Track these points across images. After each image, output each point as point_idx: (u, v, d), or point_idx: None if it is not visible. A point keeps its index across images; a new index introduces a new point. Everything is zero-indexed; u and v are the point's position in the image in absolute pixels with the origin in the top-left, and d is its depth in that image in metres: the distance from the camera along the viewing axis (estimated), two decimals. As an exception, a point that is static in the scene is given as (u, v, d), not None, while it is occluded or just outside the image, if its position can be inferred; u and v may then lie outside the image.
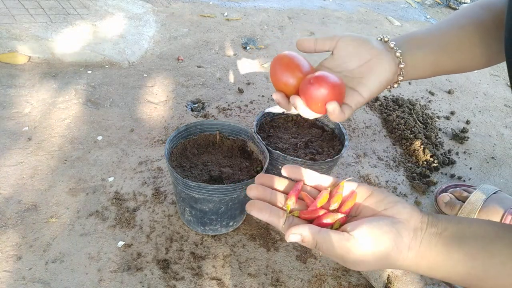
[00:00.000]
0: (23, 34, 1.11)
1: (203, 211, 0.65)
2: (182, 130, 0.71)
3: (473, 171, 0.97)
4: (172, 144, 0.70)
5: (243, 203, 0.67)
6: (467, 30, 0.56)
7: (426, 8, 2.03)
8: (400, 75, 0.53)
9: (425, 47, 0.55)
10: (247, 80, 1.19)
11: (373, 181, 0.89)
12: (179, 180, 0.61)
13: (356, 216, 0.43)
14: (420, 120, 1.08)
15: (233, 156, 0.74)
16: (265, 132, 0.79)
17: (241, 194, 0.63)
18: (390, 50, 0.53)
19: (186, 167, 0.69)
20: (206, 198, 0.62)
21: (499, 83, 1.40)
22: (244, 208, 0.69)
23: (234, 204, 0.65)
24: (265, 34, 1.48)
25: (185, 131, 0.72)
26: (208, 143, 0.75)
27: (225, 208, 0.65)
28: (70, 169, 0.81)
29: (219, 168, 0.69)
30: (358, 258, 0.37)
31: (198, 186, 0.60)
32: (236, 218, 0.70)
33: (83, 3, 1.37)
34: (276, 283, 0.65)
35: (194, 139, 0.74)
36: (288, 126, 0.82)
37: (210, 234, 0.71)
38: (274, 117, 0.82)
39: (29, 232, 0.68)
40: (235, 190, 0.61)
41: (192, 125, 0.72)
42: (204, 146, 0.75)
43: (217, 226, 0.69)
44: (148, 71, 1.16)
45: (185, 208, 0.67)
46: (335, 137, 0.80)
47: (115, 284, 0.62)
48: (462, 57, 0.56)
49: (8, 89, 1.00)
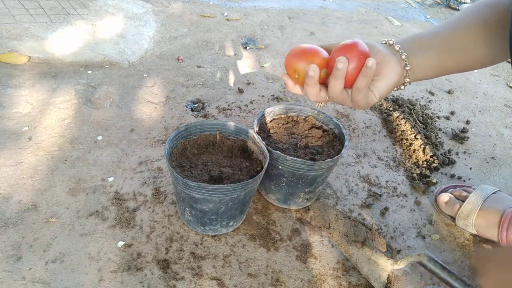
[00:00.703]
0: (23, 34, 1.11)
1: (203, 211, 0.65)
2: (182, 130, 0.71)
3: (473, 171, 0.97)
4: (172, 144, 0.70)
5: (243, 203, 0.67)
6: (471, 31, 0.56)
7: (426, 8, 2.03)
8: (407, 76, 0.54)
9: (430, 49, 0.56)
10: (247, 80, 1.19)
11: (373, 181, 0.89)
12: (179, 180, 0.61)
13: None
14: (420, 120, 1.08)
15: (233, 156, 0.74)
16: (265, 132, 0.79)
17: (241, 194, 0.63)
18: (395, 53, 0.54)
19: (186, 167, 0.69)
20: (206, 198, 0.62)
21: (499, 83, 1.40)
22: (244, 208, 0.69)
23: (234, 204, 0.65)
24: (265, 34, 1.48)
25: (185, 131, 0.72)
26: (208, 143, 0.75)
27: (225, 208, 0.65)
28: (70, 169, 0.81)
29: (219, 168, 0.69)
30: None
31: (198, 186, 0.60)
32: (236, 218, 0.70)
33: (83, 3, 1.37)
34: (276, 283, 0.65)
35: (194, 139, 0.74)
36: (288, 126, 0.82)
37: (210, 234, 0.71)
38: (274, 117, 0.82)
39: (29, 232, 0.68)
40: (235, 190, 0.61)
41: (192, 125, 0.72)
42: (204, 146, 0.75)
43: (217, 226, 0.69)
44: (148, 71, 1.16)
45: (185, 208, 0.67)
46: (335, 137, 0.80)
47: (115, 284, 0.62)
48: (466, 58, 0.57)
49: (8, 89, 1.00)
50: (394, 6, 1.99)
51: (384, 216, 0.80)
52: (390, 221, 0.80)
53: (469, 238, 0.78)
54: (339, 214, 0.77)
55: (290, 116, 0.83)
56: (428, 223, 0.81)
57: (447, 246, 0.76)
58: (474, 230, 0.75)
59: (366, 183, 0.88)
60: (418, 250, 0.74)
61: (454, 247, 0.76)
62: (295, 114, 0.83)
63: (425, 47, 0.56)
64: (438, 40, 0.56)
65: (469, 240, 0.78)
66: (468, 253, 0.76)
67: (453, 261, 0.74)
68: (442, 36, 0.57)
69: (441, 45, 0.56)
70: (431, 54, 0.56)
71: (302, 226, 0.76)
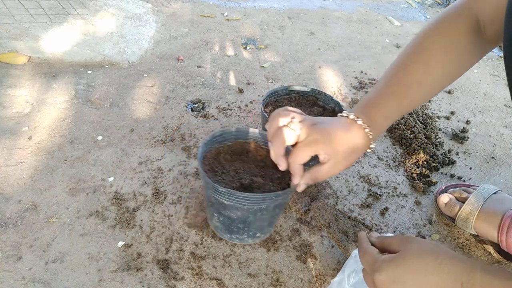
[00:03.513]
0: (23, 34, 1.11)
1: (231, 218, 0.64)
2: (218, 135, 0.70)
3: (473, 171, 0.97)
4: (206, 148, 0.69)
5: (272, 215, 0.65)
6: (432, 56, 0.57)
7: (426, 8, 2.03)
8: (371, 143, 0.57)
9: (385, 102, 0.57)
10: (247, 80, 1.19)
11: (373, 181, 0.89)
12: (209, 184, 0.60)
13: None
14: (420, 120, 1.08)
15: (266, 166, 0.72)
16: (270, 111, 0.84)
17: (270, 206, 0.61)
18: (358, 127, 0.55)
19: (218, 172, 0.67)
20: (234, 205, 0.60)
21: (499, 83, 1.40)
22: (273, 220, 0.67)
23: (263, 215, 0.63)
24: (265, 34, 1.48)
25: (220, 136, 0.71)
26: (242, 150, 0.73)
27: (253, 218, 0.63)
28: (70, 169, 0.81)
29: (250, 177, 0.67)
30: None
31: (227, 192, 0.58)
32: (263, 230, 0.68)
33: (83, 3, 1.37)
34: (276, 283, 0.65)
35: (228, 145, 0.72)
36: (292, 106, 0.87)
37: (237, 243, 0.70)
38: (278, 98, 0.87)
39: (29, 232, 0.68)
40: (264, 201, 0.60)
41: (228, 131, 0.71)
42: (237, 153, 0.73)
43: (244, 235, 0.67)
44: (148, 71, 1.16)
45: (213, 214, 0.67)
46: (335, 115, 0.82)
47: (115, 284, 0.62)
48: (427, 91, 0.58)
49: (8, 89, 1.00)
50: (394, 6, 1.99)
51: (384, 216, 0.80)
52: (390, 221, 0.80)
53: (469, 238, 0.78)
54: (339, 214, 0.77)
55: (293, 97, 0.89)
56: (428, 223, 0.81)
57: (447, 246, 0.76)
58: (474, 232, 0.75)
59: (366, 183, 0.88)
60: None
61: (454, 247, 0.76)
62: (297, 94, 0.89)
63: (378, 104, 0.57)
64: (388, 94, 0.57)
65: (469, 240, 0.78)
66: (468, 253, 0.76)
67: (453, 261, 0.74)
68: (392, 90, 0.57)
69: (395, 99, 0.57)
70: (388, 106, 0.57)
71: (302, 226, 0.76)
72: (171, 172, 0.84)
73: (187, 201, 0.78)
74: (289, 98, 0.88)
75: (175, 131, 0.95)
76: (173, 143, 0.91)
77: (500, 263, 0.73)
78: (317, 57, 1.39)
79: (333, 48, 1.46)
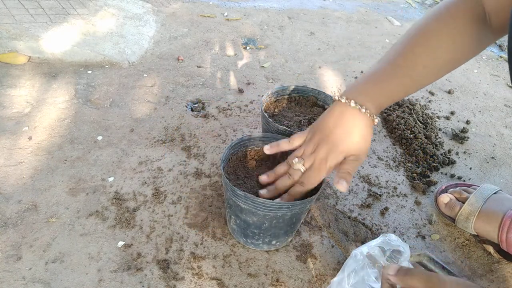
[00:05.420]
0: (23, 34, 1.11)
1: (247, 222, 0.64)
2: (246, 139, 0.70)
3: (473, 171, 0.97)
4: (233, 150, 0.69)
5: (289, 224, 0.65)
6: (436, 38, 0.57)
7: (426, 8, 2.03)
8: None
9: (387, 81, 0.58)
10: (247, 80, 1.19)
11: (373, 181, 0.89)
12: (228, 186, 0.61)
13: None
14: (420, 120, 1.08)
15: None
16: (270, 111, 0.84)
17: (287, 214, 0.61)
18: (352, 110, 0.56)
19: (241, 176, 0.68)
20: (251, 210, 0.61)
21: (499, 83, 1.40)
22: (290, 229, 0.67)
23: (279, 222, 0.63)
24: (265, 34, 1.48)
25: (248, 141, 0.71)
26: (268, 156, 0.73)
27: (269, 225, 0.63)
28: (70, 169, 0.81)
29: (272, 184, 0.67)
30: None
31: (244, 196, 0.59)
32: (279, 238, 0.68)
33: (83, 3, 1.37)
34: (276, 283, 0.65)
35: (255, 150, 0.73)
36: (292, 106, 0.88)
37: (252, 248, 0.70)
38: (278, 98, 0.88)
39: (29, 232, 0.68)
40: (280, 208, 0.59)
41: (255, 136, 0.72)
42: (263, 159, 0.74)
43: (259, 241, 0.67)
44: (148, 71, 1.16)
45: (231, 216, 0.67)
46: None
47: (115, 284, 0.62)
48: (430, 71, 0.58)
49: (8, 89, 1.00)
50: (394, 6, 1.99)
51: (384, 216, 0.80)
52: (390, 221, 0.80)
53: (469, 238, 0.78)
54: (339, 214, 0.77)
55: (293, 97, 0.89)
56: (428, 223, 0.81)
57: (447, 246, 0.76)
58: (474, 232, 0.75)
59: (366, 183, 0.88)
60: (418, 250, 0.74)
61: (454, 247, 0.76)
62: (297, 95, 0.89)
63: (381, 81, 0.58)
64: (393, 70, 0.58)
65: (469, 240, 0.78)
66: (468, 253, 0.76)
67: (453, 261, 0.74)
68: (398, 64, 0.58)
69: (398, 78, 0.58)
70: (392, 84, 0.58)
71: (302, 226, 0.76)
72: (171, 172, 0.84)
73: (187, 201, 0.78)
74: (289, 98, 0.88)
75: (175, 131, 0.95)
76: (173, 143, 0.91)
77: (500, 263, 0.73)
78: (317, 57, 1.39)
79: (333, 48, 1.46)
